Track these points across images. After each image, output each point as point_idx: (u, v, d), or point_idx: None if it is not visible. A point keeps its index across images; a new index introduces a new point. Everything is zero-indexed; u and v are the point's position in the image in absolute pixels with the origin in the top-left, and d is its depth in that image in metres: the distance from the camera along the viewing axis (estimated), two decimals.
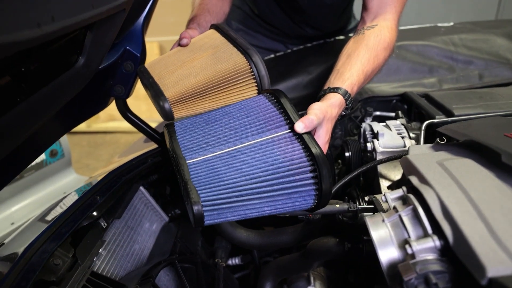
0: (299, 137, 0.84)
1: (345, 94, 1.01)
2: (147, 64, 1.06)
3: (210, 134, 0.88)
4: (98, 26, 0.80)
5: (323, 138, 0.93)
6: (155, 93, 0.92)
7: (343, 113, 1.04)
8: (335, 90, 1.02)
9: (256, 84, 0.97)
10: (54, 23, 0.58)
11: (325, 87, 1.05)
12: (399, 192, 0.77)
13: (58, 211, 1.03)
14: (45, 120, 0.82)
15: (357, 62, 1.09)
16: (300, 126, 0.83)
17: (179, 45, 1.10)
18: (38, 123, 0.77)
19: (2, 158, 0.69)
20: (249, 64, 0.96)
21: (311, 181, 0.79)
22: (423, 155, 0.81)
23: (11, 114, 0.65)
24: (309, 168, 0.79)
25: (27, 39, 0.53)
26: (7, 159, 0.75)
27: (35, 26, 0.54)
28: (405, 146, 1.13)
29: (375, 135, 1.19)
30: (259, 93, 0.98)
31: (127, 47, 1.06)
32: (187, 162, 0.82)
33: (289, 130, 0.86)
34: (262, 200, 0.78)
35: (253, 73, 0.96)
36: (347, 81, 1.04)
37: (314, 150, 0.80)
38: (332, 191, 0.98)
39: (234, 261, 1.41)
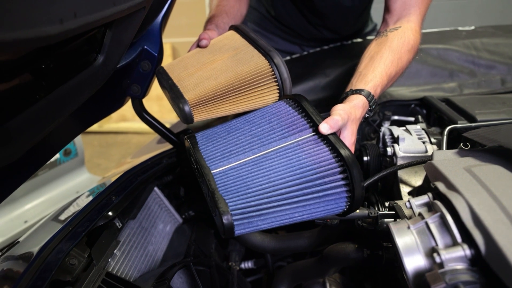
0: (324, 138, 0.82)
1: (368, 96, 0.98)
2: (165, 65, 1.04)
3: (232, 142, 0.86)
4: (117, 24, 0.79)
5: (349, 140, 0.90)
6: (175, 96, 0.91)
7: (367, 115, 1.01)
8: (357, 91, 0.99)
9: (277, 87, 0.95)
10: (76, 19, 0.57)
11: (347, 89, 1.02)
12: (424, 198, 0.75)
13: (71, 210, 1.02)
14: (63, 119, 0.81)
15: (380, 64, 1.06)
16: (325, 127, 0.81)
17: (198, 46, 1.09)
18: (56, 121, 0.76)
19: (20, 156, 0.68)
20: (271, 67, 0.94)
21: (342, 182, 0.76)
22: (449, 161, 0.78)
23: (30, 111, 0.65)
24: (338, 169, 0.76)
25: (49, 35, 0.52)
26: (25, 157, 0.75)
27: (57, 22, 0.53)
28: (426, 151, 1.10)
29: (395, 140, 1.16)
30: (280, 97, 0.96)
31: (145, 47, 1.05)
32: (212, 172, 0.79)
33: (314, 133, 0.84)
34: (292, 206, 0.75)
35: (274, 75, 0.94)
36: (370, 83, 1.01)
37: (342, 151, 0.77)
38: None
39: (247, 264, 1.39)
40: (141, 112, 1.21)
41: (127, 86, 1.10)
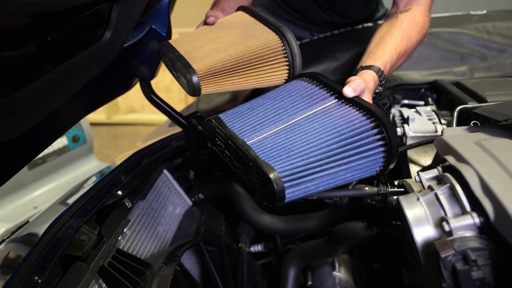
0: (350, 102, 0.84)
1: (378, 71, 1.00)
2: (171, 40, 1.03)
3: (259, 116, 0.85)
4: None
5: None
6: (182, 66, 0.89)
7: (377, 90, 1.02)
8: (368, 67, 1.01)
9: (287, 63, 0.94)
10: None
11: (358, 67, 1.04)
12: (434, 172, 0.74)
13: (79, 195, 1.02)
14: (70, 95, 0.81)
15: (390, 42, 1.07)
16: (349, 90, 0.83)
17: (205, 23, 1.08)
18: (63, 96, 0.76)
19: (29, 129, 0.69)
20: (282, 42, 0.93)
21: (377, 137, 0.78)
22: (459, 136, 0.78)
23: (37, 84, 0.65)
24: (371, 125, 0.78)
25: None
26: (33, 133, 0.75)
27: None
28: (436, 131, 1.09)
29: (405, 121, 1.16)
30: (289, 73, 0.96)
31: (153, 26, 1.05)
32: (247, 142, 0.78)
33: (338, 99, 0.85)
34: (336, 168, 0.75)
35: (285, 51, 0.93)
36: (380, 59, 1.03)
37: (373, 108, 0.79)
38: None
39: (257, 248, 1.40)
40: (150, 94, 1.21)
41: (135, 67, 1.10)
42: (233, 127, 0.83)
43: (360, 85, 0.86)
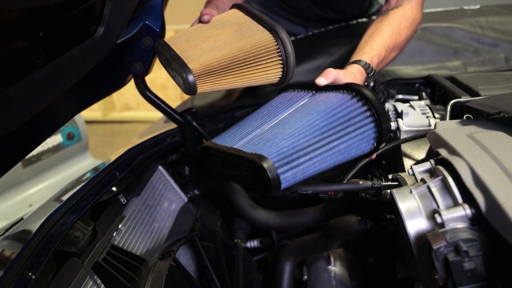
0: (327, 88, 0.86)
1: (365, 65, 1.03)
2: (166, 38, 1.04)
3: (245, 127, 0.88)
4: None
5: None
6: (178, 65, 0.90)
7: (366, 83, 1.05)
8: (354, 62, 1.04)
9: (281, 62, 0.95)
10: None
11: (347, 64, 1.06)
12: (426, 165, 0.75)
13: (73, 191, 1.02)
14: (63, 91, 0.81)
15: (379, 38, 1.11)
16: (321, 79, 0.87)
17: (200, 21, 1.08)
18: (56, 92, 0.76)
19: (21, 125, 0.69)
20: (276, 41, 0.94)
21: (363, 109, 0.80)
22: (452, 129, 0.79)
23: (30, 79, 0.65)
24: (354, 100, 0.80)
25: None
26: (26, 129, 0.75)
27: None
28: (430, 125, 1.10)
29: (399, 115, 1.16)
30: (284, 72, 0.97)
31: (146, 22, 1.05)
32: (235, 146, 0.80)
33: (316, 92, 0.88)
34: (328, 146, 0.77)
35: (279, 50, 0.94)
36: (367, 54, 1.06)
37: (353, 85, 0.82)
38: (356, 168, 0.97)
39: (253, 243, 1.40)
40: (144, 91, 1.21)
41: (129, 63, 1.09)
42: (223, 143, 0.87)
43: (331, 72, 0.89)
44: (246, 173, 0.76)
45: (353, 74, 0.98)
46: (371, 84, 1.05)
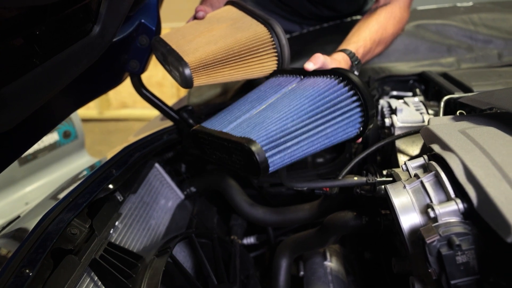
0: (315, 74, 0.88)
1: (349, 53, 1.08)
2: (162, 35, 1.05)
3: (234, 111, 0.88)
4: None
5: None
6: (174, 59, 0.91)
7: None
8: (340, 50, 1.10)
9: (276, 54, 0.96)
10: None
11: None
12: (420, 160, 0.75)
13: (70, 189, 1.03)
14: (60, 89, 0.81)
15: (366, 31, 1.17)
16: (309, 64, 0.89)
17: (195, 18, 1.09)
18: (53, 90, 0.77)
19: (18, 123, 0.69)
20: (270, 34, 0.95)
21: (350, 93, 0.81)
22: (445, 125, 0.79)
23: (26, 78, 0.65)
24: (341, 85, 0.81)
25: None
26: (22, 127, 0.75)
27: None
28: (423, 122, 1.11)
29: (393, 111, 1.17)
30: (279, 64, 0.98)
31: (142, 20, 1.05)
32: (224, 130, 0.80)
33: (304, 77, 0.89)
34: (315, 130, 0.78)
35: (274, 42, 0.95)
36: (353, 44, 1.12)
37: (340, 70, 0.83)
38: (351, 164, 0.98)
39: (249, 240, 1.41)
40: (140, 89, 1.21)
41: (125, 61, 1.10)
42: (213, 127, 0.86)
43: (319, 58, 0.92)
44: (235, 156, 0.78)
45: (337, 61, 1.03)
46: (356, 73, 1.08)
